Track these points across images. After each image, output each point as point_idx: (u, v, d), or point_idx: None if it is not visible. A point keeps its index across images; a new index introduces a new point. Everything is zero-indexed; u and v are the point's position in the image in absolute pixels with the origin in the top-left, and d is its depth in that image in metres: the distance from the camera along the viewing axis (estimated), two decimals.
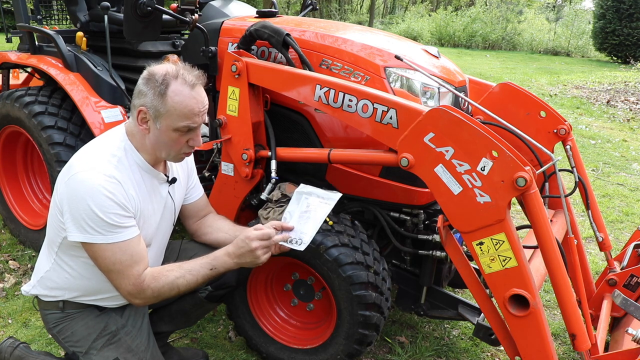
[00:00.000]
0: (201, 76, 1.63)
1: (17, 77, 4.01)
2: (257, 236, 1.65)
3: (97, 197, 1.48)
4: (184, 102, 1.56)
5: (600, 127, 7.26)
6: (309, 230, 1.76)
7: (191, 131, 1.62)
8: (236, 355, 2.28)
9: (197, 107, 1.59)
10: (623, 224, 3.96)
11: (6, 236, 3.28)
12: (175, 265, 1.66)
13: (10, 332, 2.39)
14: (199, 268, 1.64)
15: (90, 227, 1.50)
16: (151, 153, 1.66)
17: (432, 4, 32.47)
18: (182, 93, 1.56)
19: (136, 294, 1.59)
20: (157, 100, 1.55)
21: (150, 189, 1.69)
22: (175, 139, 1.61)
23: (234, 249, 1.66)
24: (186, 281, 1.62)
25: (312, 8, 3.10)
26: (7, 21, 5.07)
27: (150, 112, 1.57)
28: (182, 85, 1.56)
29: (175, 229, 3.16)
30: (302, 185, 1.90)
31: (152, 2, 2.07)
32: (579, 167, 2.24)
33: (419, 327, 2.57)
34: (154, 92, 1.55)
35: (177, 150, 1.65)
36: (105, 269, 1.57)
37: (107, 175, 1.52)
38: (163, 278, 1.60)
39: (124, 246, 1.54)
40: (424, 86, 1.97)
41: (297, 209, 1.86)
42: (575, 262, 1.99)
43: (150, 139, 1.62)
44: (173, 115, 1.56)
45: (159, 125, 1.58)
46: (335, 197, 1.79)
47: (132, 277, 1.56)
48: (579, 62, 16.67)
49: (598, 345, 1.91)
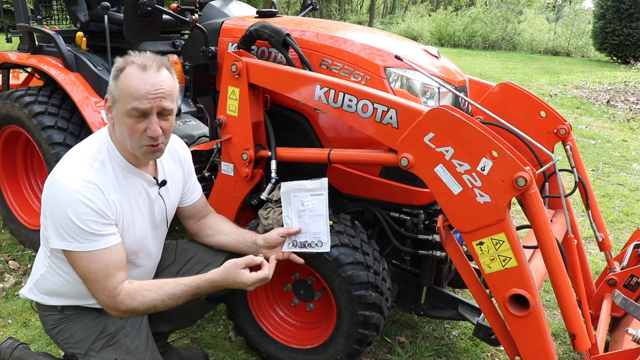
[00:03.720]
0: (165, 61, 1.57)
1: (17, 77, 4.01)
2: (254, 281, 1.62)
3: (75, 204, 1.46)
4: (131, 83, 1.49)
5: (600, 127, 7.26)
6: (321, 229, 1.77)
7: (145, 118, 1.52)
8: (236, 355, 2.28)
9: (143, 87, 1.49)
10: (623, 224, 3.96)
11: (6, 236, 3.28)
12: (154, 285, 1.60)
13: (10, 332, 2.39)
14: (180, 294, 1.60)
15: (67, 234, 1.48)
16: (123, 146, 1.60)
17: (432, 4, 32.48)
18: (132, 75, 1.51)
19: (111, 306, 1.57)
20: (112, 86, 1.53)
21: (136, 192, 1.66)
22: (130, 126, 1.52)
23: (222, 283, 1.62)
24: (164, 304, 1.59)
25: (312, 8, 3.10)
26: (7, 21, 5.06)
27: (109, 99, 1.56)
28: (134, 68, 1.51)
29: (175, 228, 3.18)
30: (284, 185, 1.88)
31: (152, 2, 2.07)
32: (579, 167, 2.24)
33: (419, 327, 2.57)
34: (112, 79, 1.54)
35: (137, 141, 1.55)
36: (82, 277, 1.56)
37: (85, 181, 1.49)
38: (139, 298, 1.56)
39: (100, 255, 1.52)
40: (424, 86, 1.97)
41: (292, 210, 1.86)
42: (575, 262, 1.99)
43: (117, 131, 1.58)
44: (122, 98, 1.51)
45: (115, 112, 1.55)
46: (322, 185, 1.77)
47: (107, 289, 1.54)
48: (579, 62, 16.67)
49: (598, 345, 1.91)
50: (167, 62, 1.58)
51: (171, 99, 1.57)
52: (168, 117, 1.57)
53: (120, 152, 1.61)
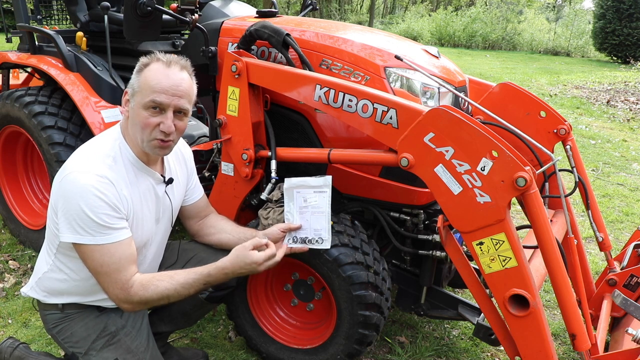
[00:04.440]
0: (188, 64, 1.63)
1: (17, 77, 4.02)
2: (264, 259, 1.64)
3: (88, 197, 1.47)
4: (154, 76, 1.55)
5: (600, 127, 7.26)
6: (322, 225, 1.77)
7: (161, 113, 1.56)
8: (236, 355, 2.28)
9: (166, 82, 1.55)
10: (623, 224, 3.96)
11: (6, 236, 3.28)
12: (166, 276, 1.62)
13: (10, 332, 2.39)
14: (192, 282, 1.62)
15: (80, 227, 1.49)
16: (133, 141, 1.62)
17: (432, 4, 32.49)
18: (156, 69, 1.57)
19: (124, 299, 1.58)
20: (134, 79, 1.59)
21: (145, 189, 1.68)
22: (144, 119, 1.56)
23: (233, 268, 1.64)
24: (178, 294, 1.61)
25: (312, 8, 3.10)
26: (7, 21, 5.07)
27: (129, 91, 1.60)
28: (158, 64, 1.58)
29: (176, 229, 3.19)
30: (287, 180, 1.88)
31: (152, 2, 2.07)
32: (579, 167, 2.24)
33: (419, 327, 2.57)
34: (135, 73, 1.59)
35: (149, 134, 1.57)
36: (94, 271, 1.56)
37: (99, 175, 1.51)
38: (152, 287, 1.58)
39: (112, 248, 1.53)
40: (424, 86, 1.97)
41: (294, 206, 1.86)
42: (575, 262, 1.99)
43: (130, 122, 1.62)
44: (143, 90, 1.56)
45: (133, 104, 1.59)
46: (326, 182, 1.77)
47: (120, 282, 1.55)
48: (579, 62, 16.67)
49: (598, 345, 1.91)
50: (189, 66, 1.64)
51: (188, 100, 1.63)
52: (183, 117, 1.63)
53: (132, 149, 1.64)
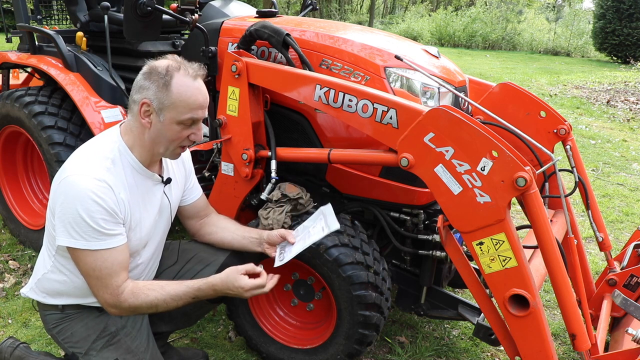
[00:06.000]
0: (201, 69, 1.63)
1: (17, 77, 4.02)
2: (252, 287, 1.64)
3: (86, 202, 1.47)
4: (189, 93, 1.55)
5: (600, 127, 7.26)
6: (295, 250, 1.77)
7: (194, 125, 1.62)
8: (236, 355, 2.28)
9: (201, 97, 1.59)
10: (623, 224, 3.96)
11: (6, 236, 3.28)
12: (158, 285, 1.63)
13: (10, 332, 2.39)
14: (181, 295, 1.62)
15: (75, 231, 1.49)
16: (149, 149, 1.63)
17: (432, 4, 32.48)
18: (187, 84, 1.55)
19: (112, 304, 1.58)
20: (161, 92, 1.54)
21: (144, 191, 1.67)
22: (177, 132, 1.59)
23: (222, 287, 1.64)
24: (166, 304, 1.62)
25: (312, 8, 3.10)
26: (7, 21, 5.07)
27: (154, 104, 1.55)
28: (185, 77, 1.56)
29: (176, 228, 3.18)
30: (328, 206, 1.88)
31: (152, 2, 2.07)
32: (579, 167, 2.24)
33: (419, 327, 2.57)
34: (157, 85, 1.54)
35: (177, 145, 1.63)
36: (85, 274, 1.56)
37: (98, 179, 1.50)
38: (142, 296, 1.58)
39: (106, 254, 1.52)
40: (424, 86, 1.97)
41: (309, 225, 1.86)
42: (575, 262, 1.99)
43: (151, 134, 1.60)
44: (178, 107, 1.55)
45: (162, 118, 1.56)
46: (333, 228, 1.77)
47: (110, 287, 1.55)
48: (579, 62, 16.66)
49: (598, 345, 1.91)
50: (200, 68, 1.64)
51: None
52: None
53: (134, 150, 1.63)
